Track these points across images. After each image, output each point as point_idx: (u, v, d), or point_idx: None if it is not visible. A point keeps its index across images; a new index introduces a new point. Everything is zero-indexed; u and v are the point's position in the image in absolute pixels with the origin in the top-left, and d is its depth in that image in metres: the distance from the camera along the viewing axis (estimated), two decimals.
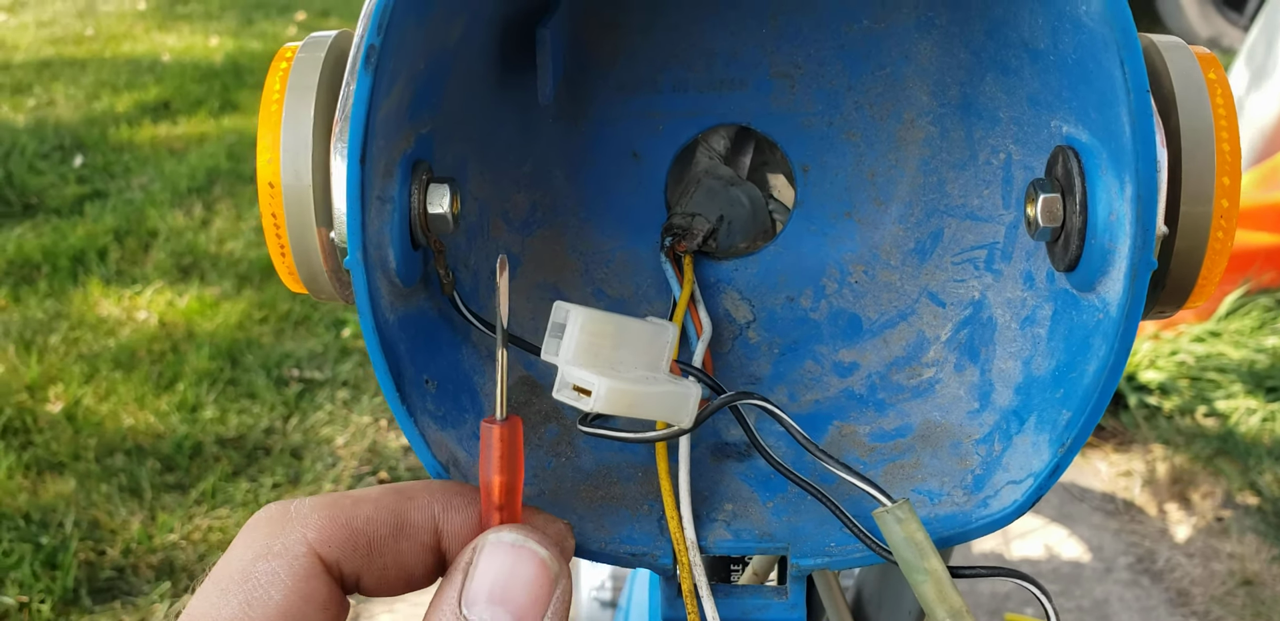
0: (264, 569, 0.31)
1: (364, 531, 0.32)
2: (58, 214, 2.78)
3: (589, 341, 0.35)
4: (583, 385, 0.34)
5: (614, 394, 0.33)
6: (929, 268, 0.47)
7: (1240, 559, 1.69)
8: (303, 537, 0.31)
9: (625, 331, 0.35)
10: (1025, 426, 0.38)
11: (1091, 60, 0.33)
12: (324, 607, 0.31)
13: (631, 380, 0.34)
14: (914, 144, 0.48)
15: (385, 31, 0.33)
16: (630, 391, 0.34)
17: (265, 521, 0.32)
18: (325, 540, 0.31)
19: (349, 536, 0.32)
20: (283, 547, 0.31)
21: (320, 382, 2.04)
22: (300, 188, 0.38)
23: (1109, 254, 0.34)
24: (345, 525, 0.32)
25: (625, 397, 0.34)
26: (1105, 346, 0.34)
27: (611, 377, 0.34)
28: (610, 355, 0.35)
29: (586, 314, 0.34)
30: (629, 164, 0.50)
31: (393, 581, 0.33)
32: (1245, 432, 1.90)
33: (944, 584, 0.33)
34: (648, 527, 0.40)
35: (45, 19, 5.28)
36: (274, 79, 0.40)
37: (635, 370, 0.35)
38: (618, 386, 0.33)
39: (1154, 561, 1.71)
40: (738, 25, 0.48)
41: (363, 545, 0.32)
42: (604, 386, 0.33)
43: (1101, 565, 1.71)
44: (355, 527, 0.32)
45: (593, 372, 0.34)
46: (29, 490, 1.72)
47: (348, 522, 0.32)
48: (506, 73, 0.45)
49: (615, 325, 0.35)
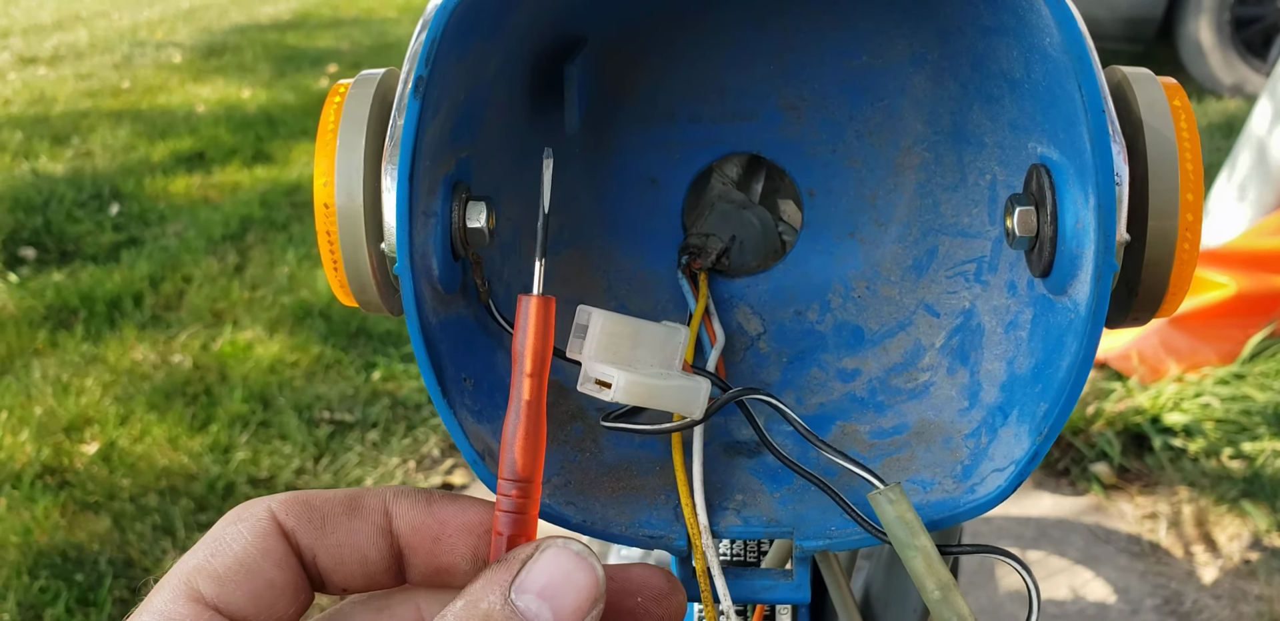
0: (230, 530, 0.35)
1: (319, 508, 0.37)
2: (94, 260, 2.86)
3: (609, 341, 0.38)
4: (603, 378, 0.38)
5: (632, 386, 0.37)
6: (925, 281, 0.50)
7: (1268, 600, 1.69)
8: (266, 506, 0.36)
9: (642, 333, 0.39)
10: (1009, 419, 0.42)
11: (1058, 86, 0.38)
12: (279, 565, 0.35)
13: (648, 375, 0.38)
14: (911, 169, 0.52)
15: (432, 64, 0.37)
16: (646, 384, 0.37)
17: (242, 504, 0.37)
18: (284, 509, 0.36)
19: (305, 510, 0.36)
20: (249, 514, 0.36)
21: (351, 424, 2.08)
22: (353, 207, 0.43)
23: (1077, 259, 0.38)
24: (304, 501, 0.37)
25: (642, 390, 0.37)
26: (1076, 343, 0.37)
27: (629, 372, 0.38)
28: (628, 353, 0.39)
29: (606, 316, 0.38)
30: (648, 189, 0.54)
31: (348, 563, 0.37)
32: (1272, 474, 1.90)
33: (933, 559, 0.37)
34: (665, 514, 0.43)
35: (84, 72, 5.44)
36: (329, 111, 0.44)
37: (651, 367, 0.39)
38: (635, 379, 0.37)
39: (1181, 603, 1.71)
40: (748, 63, 0.52)
41: (318, 518, 0.36)
42: (623, 379, 0.37)
43: (1128, 607, 1.71)
44: (313, 504, 0.37)
45: (614, 367, 0.38)
46: (65, 529, 1.76)
47: (307, 500, 0.37)
48: (537, 105, 0.49)
49: (633, 327, 0.39)
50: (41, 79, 5.33)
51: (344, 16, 7.38)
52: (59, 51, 6.13)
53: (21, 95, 4.92)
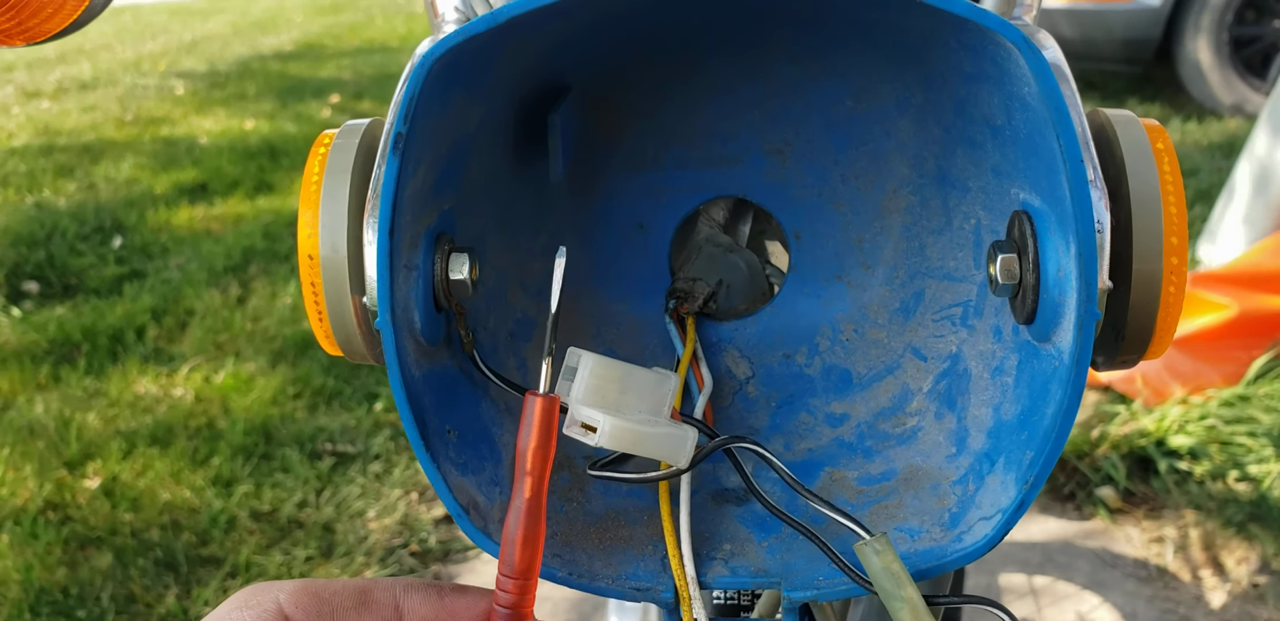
0: (235, 616, 0.36)
1: (329, 600, 0.37)
2: (97, 294, 2.86)
3: (597, 384, 0.38)
4: (590, 422, 0.38)
5: (618, 431, 0.37)
6: (912, 325, 0.50)
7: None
8: (274, 597, 0.37)
9: (631, 378, 0.39)
10: (995, 467, 0.41)
11: (1038, 134, 0.38)
12: None
13: (635, 421, 0.38)
14: (897, 212, 0.52)
15: (410, 121, 0.37)
16: (633, 430, 0.37)
17: (251, 587, 0.37)
18: (293, 601, 0.37)
19: (315, 603, 0.37)
20: (256, 603, 0.36)
21: (353, 456, 2.08)
22: (337, 259, 0.43)
23: (1060, 306, 0.38)
24: (314, 593, 0.37)
25: (628, 435, 0.37)
26: (1061, 391, 0.37)
27: (616, 417, 0.37)
28: (616, 398, 0.39)
29: (596, 359, 0.38)
30: (635, 234, 0.54)
31: None
32: (1279, 497, 1.89)
33: (920, 611, 0.36)
34: (652, 565, 0.43)
35: (87, 104, 5.47)
36: (313, 162, 0.45)
37: (639, 413, 0.39)
38: (621, 424, 0.37)
39: None
40: (733, 108, 0.52)
41: (325, 611, 0.37)
42: (609, 423, 0.37)
43: None
44: (322, 596, 0.37)
45: (600, 412, 0.38)
46: (67, 564, 1.76)
47: (316, 592, 0.37)
48: (522, 154, 0.50)
49: (622, 371, 0.39)
50: (45, 112, 5.36)
51: (346, 47, 7.43)
52: (63, 84, 6.17)
53: (25, 129, 4.94)
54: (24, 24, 0.49)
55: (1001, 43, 0.36)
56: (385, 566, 1.75)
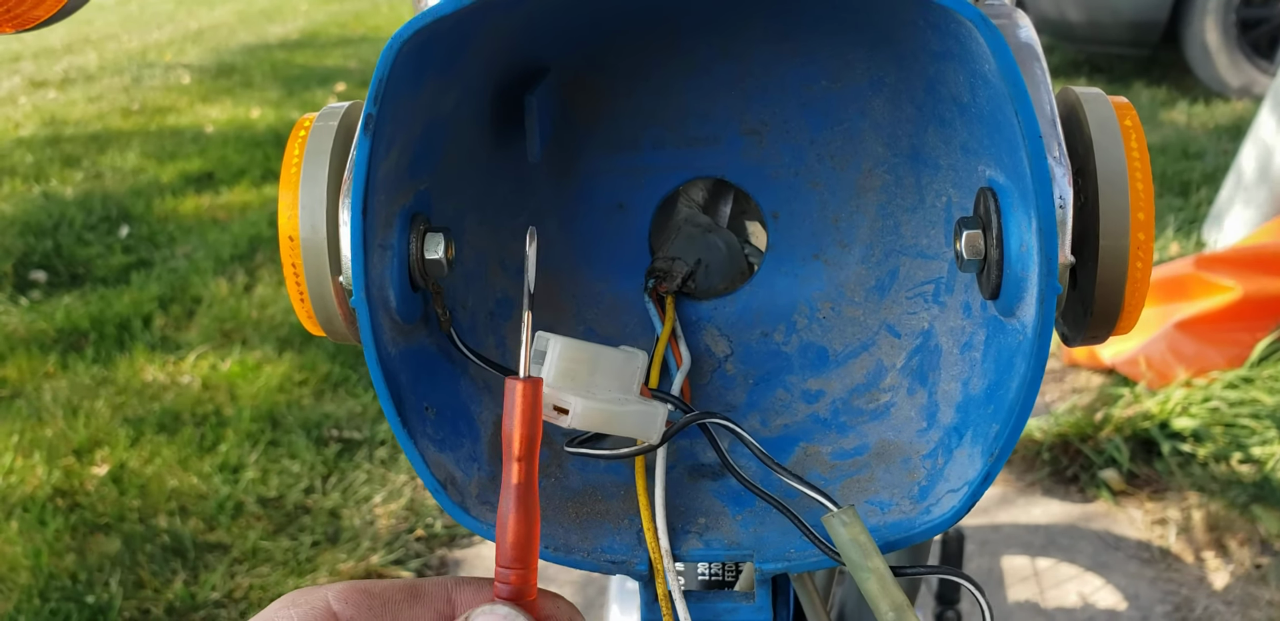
0: (283, 614, 0.36)
1: (379, 595, 0.37)
2: (104, 283, 2.88)
3: (567, 367, 0.39)
4: (561, 404, 0.38)
5: (589, 412, 0.38)
6: (887, 302, 0.51)
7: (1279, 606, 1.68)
8: (323, 595, 0.37)
9: (600, 358, 0.40)
10: (964, 440, 0.42)
11: (999, 111, 0.38)
12: None
13: (605, 401, 0.39)
14: (872, 191, 0.52)
15: (381, 102, 0.38)
16: (603, 410, 0.38)
17: (298, 590, 0.38)
18: (342, 598, 0.37)
19: (364, 598, 0.37)
20: (305, 601, 0.37)
21: (359, 442, 2.09)
22: (316, 240, 0.44)
23: (1022, 281, 0.38)
24: (363, 589, 0.37)
25: (599, 416, 0.38)
26: (1024, 365, 0.38)
27: (587, 398, 0.38)
28: (587, 379, 0.39)
29: (564, 342, 0.39)
30: (615, 214, 0.55)
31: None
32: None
33: (886, 581, 0.37)
34: (627, 539, 0.44)
35: (93, 94, 5.49)
36: (294, 145, 0.45)
37: (610, 392, 0.40)
38: (592, 405, 0.38)
39: (1192, 610, 1.70)
40: (711, 89, 0.53)
41: (376, 605, 0.37)
42: (580, 405, 0.38)
43: (1138, 614, 1.71)
44: (372, 592, 0.37)
45: (571, 394, 0.38)
46: (76, 550, 1.77)
47: (366, 588, 0.38)
48: (500, 135, 0.50)
49: (591, 353, 0.40)
50: (52, 102, 5.37)
51: (351, 35, 7.43)
52: (69, 74, 6.19)
53: (32, 119, 4.96)
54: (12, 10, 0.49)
55: (961, 21, 0.36)
56: (391, 551, 1.77)
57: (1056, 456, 1.99)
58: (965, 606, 1.38)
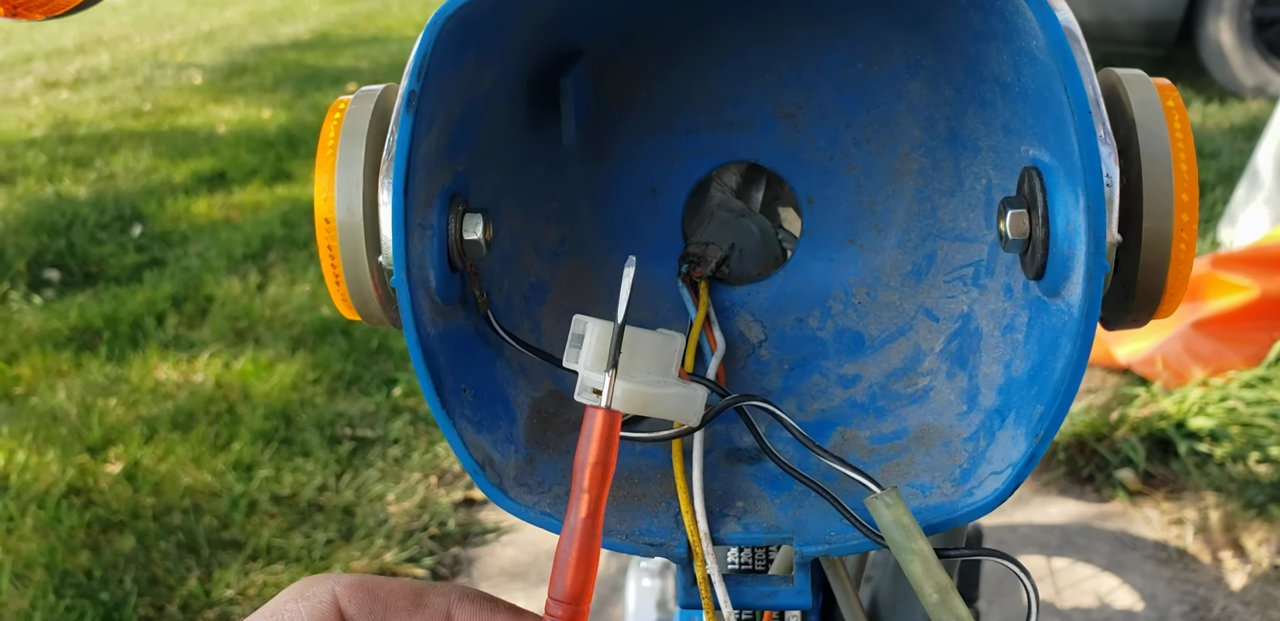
0: (290, 607, 0.36)
1: (384, 599, 0.37)
2: (117, 282, 2.88)
3: (605, 350, 0.39)
4: (600, 388, 0.38)
5: (627, 394, 0.37)
6: (924, 287, 0.51)
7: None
8: (330, 589, 0.37)
9: (638, 341, 0.39)
10: (1006, 422, 0.42)
11: (1046, 89, 0.38)
12: None
13: (644, 383, 0.38)
14: (909, 175, 0.52)
15: (424, 78, 0.38)
16: (642, 392, 0.37)
17: (307, 578, 0.38)
18: (348, 595, 0.37)
19: (369, 599, 0.37)
20: (312, 594, 0.37)
21: (372, 440, 2.09)
22: (353, 222, 0.43)
23: (1069, 260, 0.38)
24: (370, 590, 0.37)
25: (638, 398, 0.37)
26: (1070, 345, 0.37)
27: (626, 380, 0.38)
28: (625, 362, 0.39)
29: (602, 325, 0.39)
30: (649, 199, 0.55)
31: None
32: None
33: (930, 563, 0.37)
34: (666, 522, 0.43)
35: (106, 95, 5.50)
36: (329, 127, 0.45)
37: (648, 375, 0.39)
38: (631, 387, 0.37)
39: (1209, 610, 1.69)
40: (745, 72, 0.52)
41: (379, 609, 0.37)
42: (618, 388, 0.37)
43: (1155, 614, 1.70)
44: (378, 594, 0.37)
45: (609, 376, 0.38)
46: (90, 548, 1.78)
47: (372, 588, 0.37)
48: (535, 117, 0.50)
49: (629, 335, 0.39)
50: (64, 102, 5.39)
51: (363, 35, 7.44)
52: (81, 75, 6.21)
53: (45, 119, 4.98)
54: None
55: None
56: (405, 549, 1.77)
57: (1072, 456, 1.98)
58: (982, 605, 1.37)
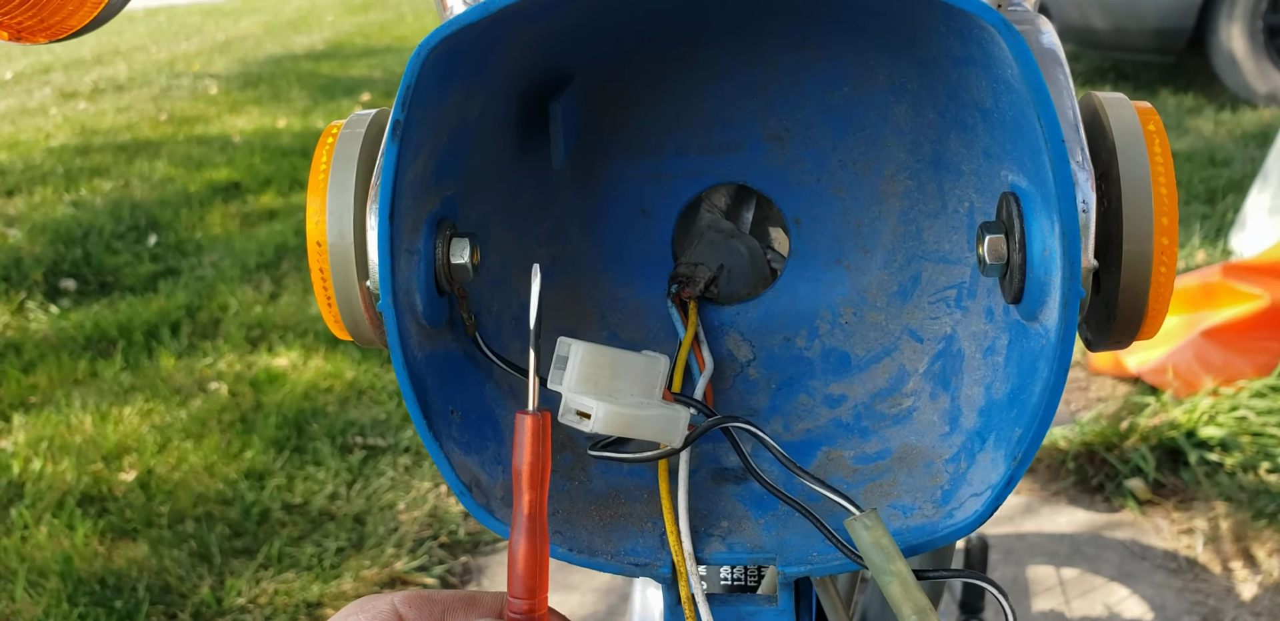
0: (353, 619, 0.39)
1: (440, 602, 0.41)
2: (132, 291, 2.91)
3: (589, 372, 0.39)
4: (584, 409, 0.39)
5: (611, 417, 0.38)
6: (909, 307, 0.51)
7: None
8: (389, 601, 0.40)
9: (621, 363, 0.40)
10: (986, 444, 0.42)
11: (1022, 116, 0.38)
12: None
13: (627, 405, 0.39)
14: (894, 197, 0.52)
15: (408, 108, 0.39)
16: (626, 414, 0.38)
17: (364, 597, 0.41)
18: (406, 602, 0.40)
19: (426, 603, 0.40)
20: (372, 607, 0.40)
21: (383, 449, 2.10)
22: (343, 245, 0.44)
23: (1045, 285, 0.38)
24: (426, 597, 0.41)
25: (621, 420, 0.38)
26: (1047, 368, 0.38)
27: (609, 402, 0.38)
28: (609, 384, 0.40)
29: (586, 347, 0.39)
30: (639, 220, 0.55)
31: None
32: None
33: (909, 584, 0.37)
34: (650, 542, 0.44)
35: (122, 105, 5.54)
36: (321, 151, 0.46)
37: (632, 396, 0.40)
38: (614, 410, 0.38)
39: (1220, 620, 1.69)
40: (733, 95, 0.53)
41: (436, 611, 0.40)
42: (602, 410, 0.38)
43: None
44: (433, 599, 0.41)
45: (593, 398, 0.39)
46: (104, 556, 1.79)
47: (428, 596, 0.41)
48: (524, 142, 0.51)
49: (613, 357, 0.40)
50: (82, 113, 5.43)
51: (376, 45, 7.48)
52: (99, 85, 6.25)
53: (63, 129, 5.02)
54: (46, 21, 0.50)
55: (984, 26, 0.37)
56: (415, 557, 1.77)
57: (1082, 465, 1.98)
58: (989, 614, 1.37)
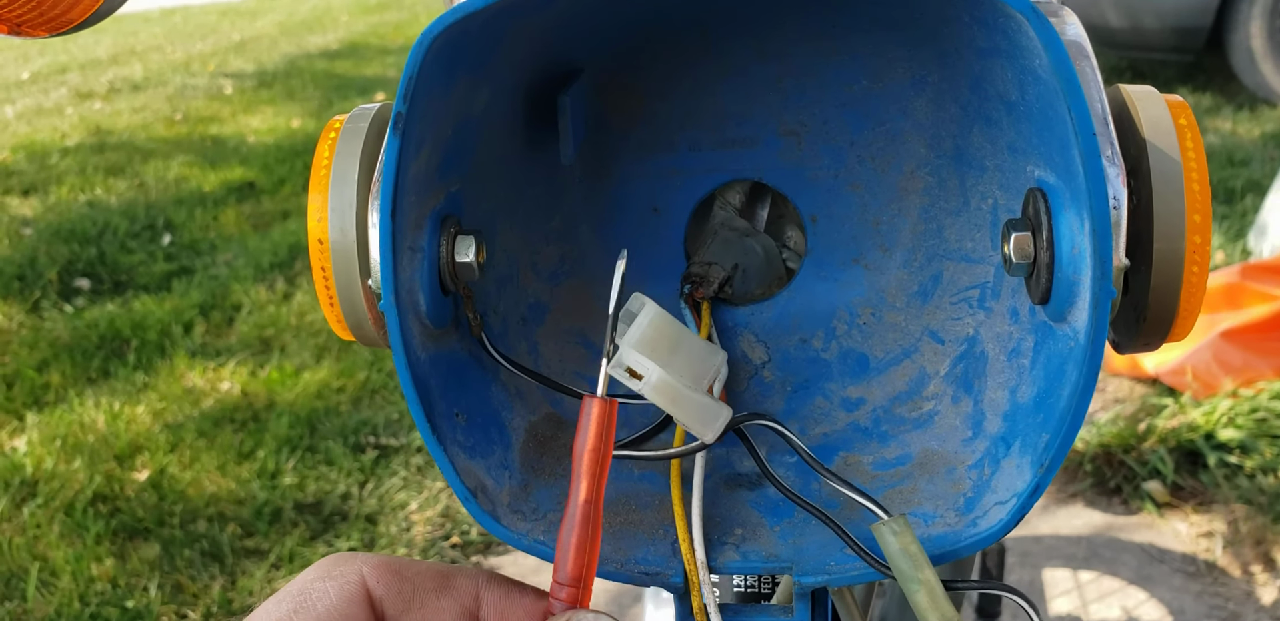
0: (318, 586, 0.36)
1: (411, 580, 0.37)
2: (146, 290, 2.91)
3: (653, 336, 0.38)
4: (637, 369, 0.37)
5: (663, 384, 0.37)
6: (930, 308, 0.49)
7: None
8: (358, 569, 0.36)
9: (685, 341, 0.39)
10: (1011, 450, 0.40)
11: (1050, 108, 0.37)
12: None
13: (679, 380, 0.38)
14: (914, 193, 0.51)
15: (411, 100, 0.37)
16: (676, 388, 0.37)
17: (334, 556, 0.37)
18: (376, 576, 0.36)
19: (397, 580, 0.37)
20: (340, 573, 0.36)
21: (395, 449, 2.09)
22: (346, 243, 0.43)
23: (1074, 285, 0.37)
24: (397, 571, 0.37)
25: (670, 391, 0.37)
26: (1076, 372, 0.36)
27: (664, 369, 0.37)
28: (666, 357, 0.38)
29: (658, 312, 0.38)
30: (650, 218, 0.54)
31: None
32: None
33: (936, 593, 0.36)
34: (662, 550, 0.42)
35: (138, 105, 5.56)
36: (323, 147, 0.45)
37: (682, 376, 0.39)
38: (668, 379, 0.37)
39: None
40: (748, 89, 0.52)
41: (407, 591, 0.37)
42: (656, 375, 0.37)
43: None
44: (404, 575, 0.37)
45: (652, 361, 0.38)
46: (116, 555, 1.78)
47: (400, 569, 0.37)
48: (532, 137, 0.49)
49: (678, 332, 0.39)
50: (97, 112, 5.45)
51: (391, 45, 7.47)
52: (115, 85, 6.27)
53: (78, 129, 5.03)
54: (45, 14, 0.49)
55: (1011, 14, 0.35)
56: (427, 558, 1.76)
57: (1099, 467, 1.95)
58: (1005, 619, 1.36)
